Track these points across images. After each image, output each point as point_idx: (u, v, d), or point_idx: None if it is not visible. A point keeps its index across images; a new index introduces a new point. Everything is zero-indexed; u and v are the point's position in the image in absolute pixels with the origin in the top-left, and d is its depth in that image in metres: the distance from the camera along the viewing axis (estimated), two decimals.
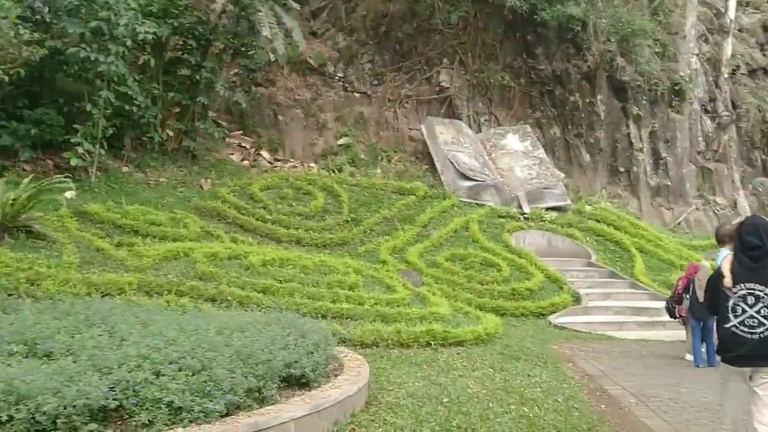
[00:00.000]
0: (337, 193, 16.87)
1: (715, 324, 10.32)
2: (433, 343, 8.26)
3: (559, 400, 6.18)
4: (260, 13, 15.92)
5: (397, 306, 9.73)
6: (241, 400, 4.64)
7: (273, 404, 4.83)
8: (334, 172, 18.60)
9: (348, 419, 5.14)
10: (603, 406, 6.23)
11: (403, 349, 7.94)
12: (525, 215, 18.71)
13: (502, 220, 18.13)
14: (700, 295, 11.40)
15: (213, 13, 16.11)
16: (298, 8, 18.42)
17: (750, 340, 4.53)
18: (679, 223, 21.87)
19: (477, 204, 18.61)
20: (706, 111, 23.23)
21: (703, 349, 10.40)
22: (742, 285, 4.60)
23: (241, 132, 19.75)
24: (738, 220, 5.38)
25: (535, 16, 20.45)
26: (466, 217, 17.47)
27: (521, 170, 20.18)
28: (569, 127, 22.45)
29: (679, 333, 12.50)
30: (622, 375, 8.03)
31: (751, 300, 4.55)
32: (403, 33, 21.94)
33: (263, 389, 4.86)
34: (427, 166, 20.25)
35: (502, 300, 13.41)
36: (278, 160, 19.61)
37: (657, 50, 22.24)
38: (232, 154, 18.92)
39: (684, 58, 22.66)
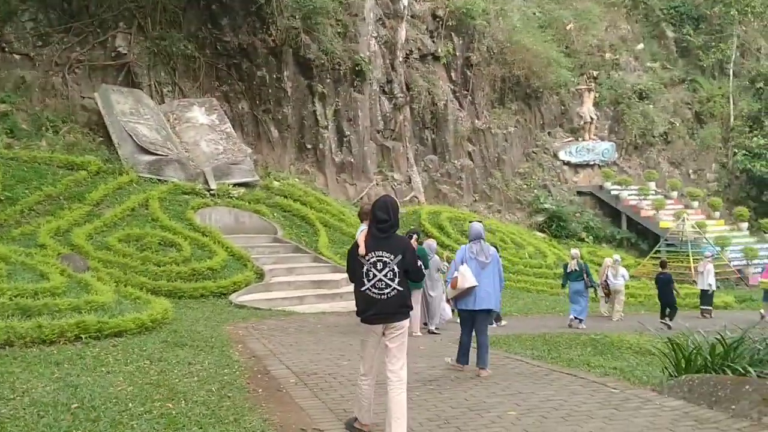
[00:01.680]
0: None
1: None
2: (84, 336, 7.28)
3: (213, 389, 5.77)
4: None
5: (49, 296, 8.50)
6: None
7: None
8: None
9: None
10: (260, 390, 5.97)
11: (45, 346, 6.86)
12: (211, 191, 18.09)
13: (186, 196, 17.30)
14: None
15: None
16: None
17: (380, 300, 5.06)
18: (361, 198, 23.01)
19: (159, 180, 17.51)
20: (384, 92, 24.70)
21: None
22: (373, 253, 5.12)
23: None
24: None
25: None
26: (146, 194, 16.31)
27: (207, 145, 19.46)
28: (257, 102, 22.25)
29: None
30: (290, 353, 7.92)
31: (380, 266, 5.09)
32: None
33: None
34: (102, 139, 18.50)
35: (181, 282, 12.71)
36: None
37: (339, 30, 22.96)
38: None
39: (364, 40, 23.74)
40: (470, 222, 8.79)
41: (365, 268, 5.13)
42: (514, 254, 21.47)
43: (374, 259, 5.11)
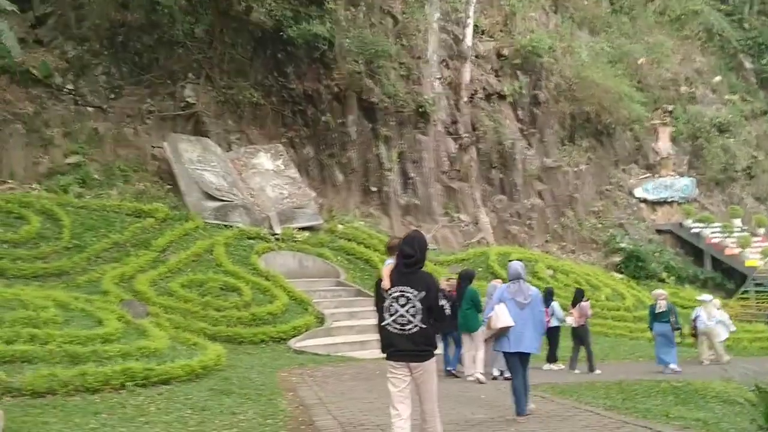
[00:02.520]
0: (58, 217, 14.90)
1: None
2: (129, 384, 7.10)
3: None
4: None
5: (100, 342, 8.41)
6: None
7: None
8: (57, 193, 16.48)
9: None
10: None
11: (89, 394, 6.69)
12: (276, 236, 18.06)
13: (251, 241, 17.30)
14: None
15: None
16: (14, 9, 16.12)
17: (401, 336, 4.98)
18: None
19: (225, 225, 17.61)
20: (449, 133, 24.42)
21: None
22: (397, 287, 5.03)
23: None
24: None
25: (282, 33, 20.04)
26: (212, 239, 16.37)
27: (273, 190, 19.54)
28: (322, 147, 22.33)
29: None
30: (340, 402, 7.50)
31: (402, 300, 4.99)
32: (143, 44, 20.39)
33: None
34: (170, 186, 18.81)
35: (240, 327, 12.54)
36: None
37: (402, 73, 22.95)
38: None
39: (428, 81, 23.65)
40: (509, 261, 8.61)
41: (387, 302, 5.04)
42: (590, 296, 20.46)
43: (397, 293, 5.02)
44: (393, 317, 5.00)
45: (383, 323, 5.09)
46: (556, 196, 26.82)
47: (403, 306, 4.99)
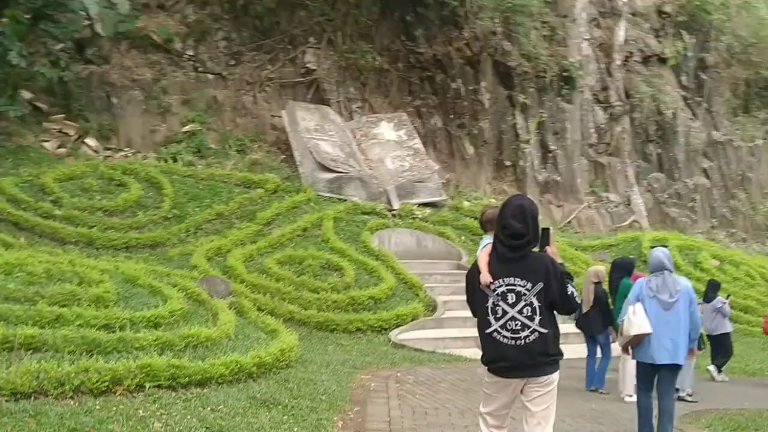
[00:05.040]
0: (161, 185, 14.06)
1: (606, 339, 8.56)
2: (149, 385, 5.62)
3: None
4: None
5: (149, 327, 7.08)
6: None
7: None
8: (166, 161, 15.75)
9: None
10: None
11: (91, 397, 5.26)
12: (393, 211, 16.39)
13: (365, 216, 15.75)
14: (584, 304, 9.35)
15: None
16: None
17: (514, 347, 3.79)
18: (569, 222, 20.04)
19: (339, 199, 16.17)
20: (598, 101, 21.53)
21: None
22: (502, 280, 3.83)
23: (64, 116, 16.62)
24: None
25: None
26: (321, 213, 14.98)
27: (393, 162, 17.83)
28: (451, 116, 20.30)
29: None
30: (417, 428, 5.63)
31: (511, 298, 3.81)
32: (264, 7, 19.28)
33: None
34: (285, 157, 17.68)
35: (336, 312, 10.95)
36: (109, 149, 16.63)
37: (545, 33, 20.37)
38: (46, 140, 15.82)
39: (574, 43, 20.90)
40: (652, 248, 7.08)
41: (491, 301, 3.85)
42: (765, 293, 17.10)
43: (503, 288, 3.82)
44: (501, 321, 3.82)
45: (488, 330, 3.87)
46: (725, 175, 23.14)
47: (513, 306, 3.79)
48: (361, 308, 11.29)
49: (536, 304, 3.77)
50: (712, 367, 11.10)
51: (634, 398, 6.57)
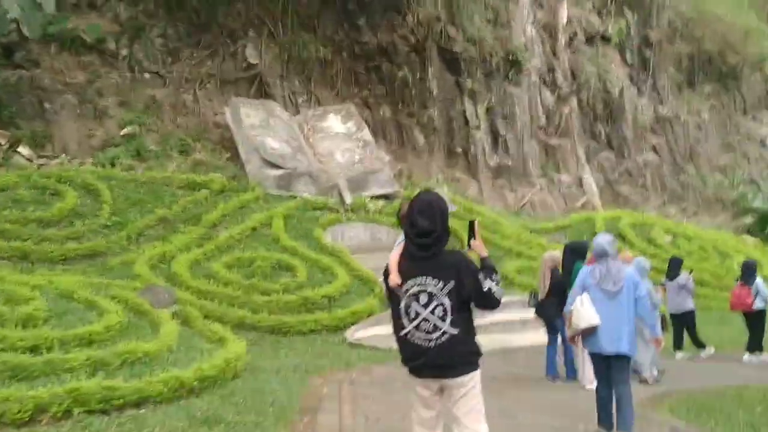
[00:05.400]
0: (99, 192, 13.40)
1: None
2: (77, 410, 5.16)
3: None
4: None
5: (83, 345, 6.60)
6: None
7: None
8: (104, 166, 15.06)
9: None
10: None
11: (12, 428, 4.81)
12: (346, 206, 16.00)
13: (316, 212, 15.31)
14: (542, 291, 9.19)
15: None
16: None
17: (428, 349, 3.63)
18: (523, 206, 19.97)
19: (289, 196, 15.70)
20: (545, 83, 21.51)
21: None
22: (413, 280, 3.67)
23: None
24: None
25: None
26: (271, 212, 14.49)
27: (342, 155, 17.43)
28: (400, 106, 20.00)
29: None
30: None
31: (423, 298, 3.65)
32: (200, 1, 18.62)
33: None
34: (229, 155, 17.11)
35: (288, 313, 10.54)
36: (43, 156, 15.82)
37: (489, 17, 20.20)
38: None
39: (518, 25, 20.81)
40: (595, 234, 6.92)
41: (403, 302, 3.67)
42: (719, 266, 17.26)
43: (415, 288, 3.65)
44: (414, 323, 3.63)
45: (402, 333, 3.70)
46: (673, 150, 23.40)
47: (425, 306, 3.61)
48: (315, 308, 10.90)
49: (447, 303, 3.60)
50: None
51: (594, 386, 6.38)
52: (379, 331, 10.64)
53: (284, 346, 9.40)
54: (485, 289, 3.62)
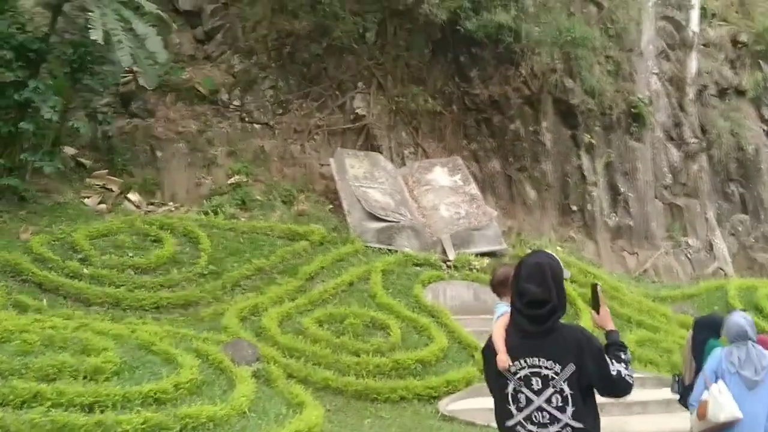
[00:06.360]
0: (198, 240, 13.25)
1: None
2: None
3: None
4: (92, 13, 12.60)
5: (146, 404, 6.06)
6: None
7: None
8: (207, 214, 15.02)
9: None
10: None
11: None
12: (448, 262, 15.15)
13: (417, 268, 14.55)
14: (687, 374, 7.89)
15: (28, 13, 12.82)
16: (163, 14, 15.12)
17: None
18: (645, 270, 18.34)
19: (389, 250, 15.05)
20: (671, 138, 19.93)
21: None
22: (524, 361, 3.14)
23: (107, 171, 16.22)
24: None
25: (458, 27, 17.24)
26: (369, 266, 13.87)
27: (447, 209, 16.68)
28: (511, 159, 19.06)
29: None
30: None
31: (536, 384, 3.12)
32: (311, 54, 18.71)
33: None
34: (332, 206, 16.75)
35: (378, 378, 9.71)
36: (152, 203, 16.10)
37: (609, 68, 19.03)
38: (87, 197, 15.37)
39: (642, 77, 19.49)
40: (730, 312, 5.92)
41: (511, 386, 3.22)
42: None
43: (526, 371, 3.17)
44: (525, 413, 3.20)
45: (509, 423, 3.25)
46: None
47: (539, 393, 3.15)
48: (407, 373, 10.02)
49: (568, 391, 3.10)
50: None
51: None
52: (476, 404, 9.61)
53: (370, 415, 8.57)
54: (614, 374, 3.09)
